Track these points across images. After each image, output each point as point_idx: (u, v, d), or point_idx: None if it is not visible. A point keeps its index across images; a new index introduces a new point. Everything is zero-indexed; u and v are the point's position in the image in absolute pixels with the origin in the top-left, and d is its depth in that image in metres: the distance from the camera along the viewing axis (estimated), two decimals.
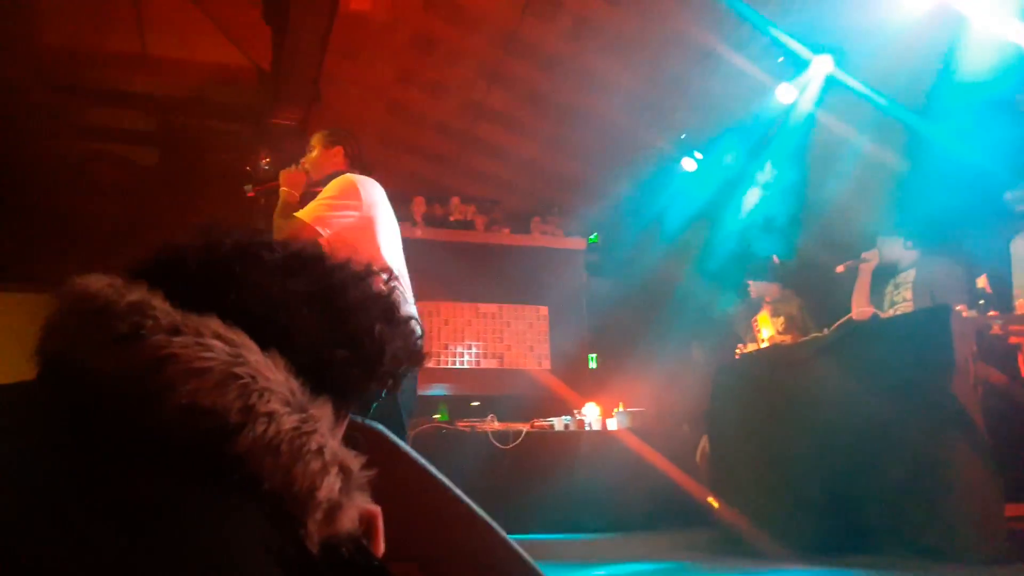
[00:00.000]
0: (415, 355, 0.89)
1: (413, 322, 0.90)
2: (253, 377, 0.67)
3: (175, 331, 0.67)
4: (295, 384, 0.71)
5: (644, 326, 6.91)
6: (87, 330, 0.68)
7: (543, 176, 7.67)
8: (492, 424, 5.76)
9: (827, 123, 5.58)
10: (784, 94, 5.58)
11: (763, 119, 5.91)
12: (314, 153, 3.28)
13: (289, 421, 0.68)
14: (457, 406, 6.36)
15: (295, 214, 3.02)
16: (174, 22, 5.67)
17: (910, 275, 4.57)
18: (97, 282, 0.72)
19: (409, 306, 2.79)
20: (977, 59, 4.55)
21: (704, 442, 5.68)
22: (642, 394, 6.51)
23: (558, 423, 6.02)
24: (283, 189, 3.19)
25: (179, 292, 0.72)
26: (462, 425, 5.78)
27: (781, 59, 5.49)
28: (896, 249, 4.66)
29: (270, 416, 0.67)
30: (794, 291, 5.37)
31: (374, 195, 3.02)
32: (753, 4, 4.99)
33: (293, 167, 3.26)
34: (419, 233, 7.39)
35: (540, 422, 5.98)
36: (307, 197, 3.17)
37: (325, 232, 2.89)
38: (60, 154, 6.80)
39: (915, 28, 4.70)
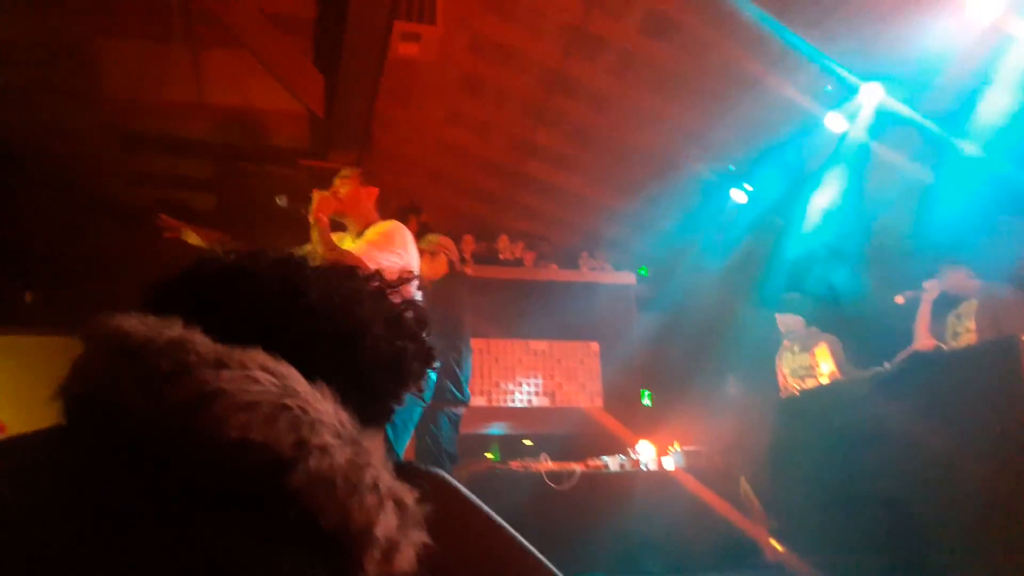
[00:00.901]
0: (431, 355, 0.87)
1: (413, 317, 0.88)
2: (303, 409, 0.65)
3: (220, 365, 0.65)
4: (344, 415, 0.69)
5: (697, 361, 6.79)
6: (126, 369, 0.65)
7: (591, 211, 7.67)
8: (545, 464, 5.67)
9: (879, 151, 5.47)
10: (834, 123, 5.49)
11: (813, 148, 5.82)
12: (348, 188, 3.34)
13: (343, 454, 0.65)
14: (509, 445, 6.30)
15: (344, 248, 3.11)
16: (229, 71, 5.86)
17: (972, 305, 4.42)
18: (128, 320, 0.70)
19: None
20: None
21: (744, 483, 5.54)
22: (698, 431, 6.37)
23: (613, 462, 5.91)
24: (315, 215, 3.19)
25: (216, 316, 0.71)
26: (515, 465, 5.71)
27: (830, 87, 5.42)
28: (958, 278, 4.51)
29: (323, 449, 0.64)
30: (818, 327, 5.24)
31: (415, 250, 3.15)
32: (800, 32, 4.95)
33: (327, 193, 3.30)
34: (469, 271, 7.43)
35: (594, 461, 5.88)
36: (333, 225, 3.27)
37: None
38: (121, 201, 7.04)
39: (964, 54, 4.61)
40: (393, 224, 3.23)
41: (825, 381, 4.97)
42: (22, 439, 0.69)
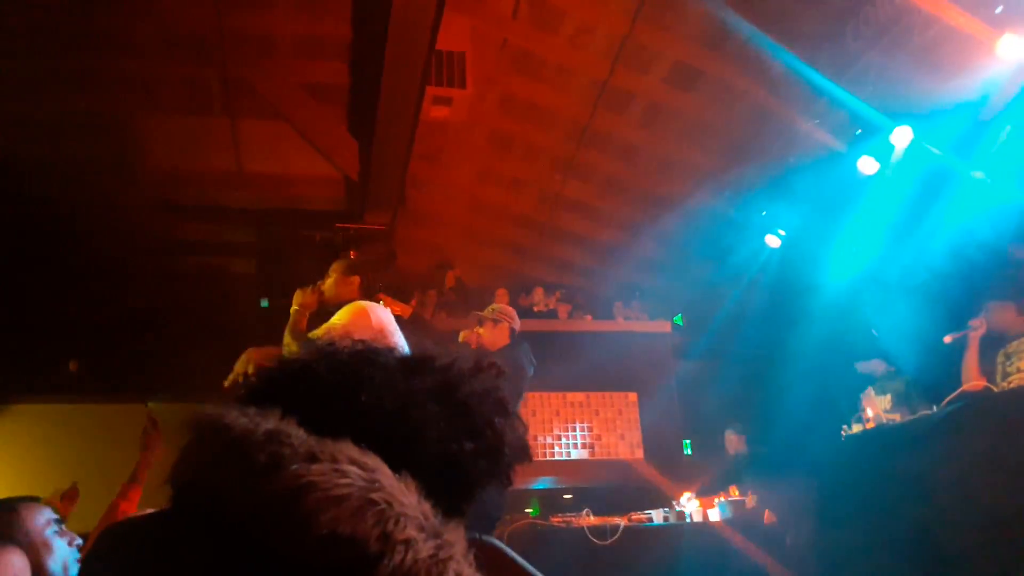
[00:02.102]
0: (526, 449, 0.89)
1: (518, 420, 0.91)
2: (389, 503, 0.68)
3: (312, 458, 0.68)
4: (427, 507, 0.72)
5: (739, 408, 6.69)
6: (226, 461, 0.70)
7: (624, 261, 7.69)
8: (588, 519, 5.59)
9: (911, 192, 5.45)
10: (865, 166, 5.49)
11: (845, 191, 5.80)
12: (331, 279, 3.47)
13: (426, 548, 0.68)
14: (549, 500, 6.23)
15: (309, 335, 3.22)
16: (267, 140, 6.04)
17: (1023, 344, 4.32)
18: (231, 411, 0.74)
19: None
20: None
21: (767, 514, 5.43)
22: (745, 480, 6.25)
23: (657, 515, 5.81)
24: (294, 308, 3.35)
25: (311, 408, 0.75)
26: (556, 521, 5.63)
27: (859, 131, 5.43)
28: (1006, 316, 4.42)
29: (407, 544, 0.67)
30: (897, 367, 5.15)
31: (383, 319, 3.20)
32: (829, 76, 4.99)
33: (309, 289, 3.43)
34: None
35: (638, 515, 5.78)
36: (316, 318, 3.38)
37: None
38: (164, 269, 7.23)
39: (995, 93, 4.61)
40: (354, 305, 3.32)
41: (871, 426, 4.87)
42: (137, 524, 0.74)
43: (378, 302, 3.90)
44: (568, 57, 5.46)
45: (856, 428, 4.84)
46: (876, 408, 4.71)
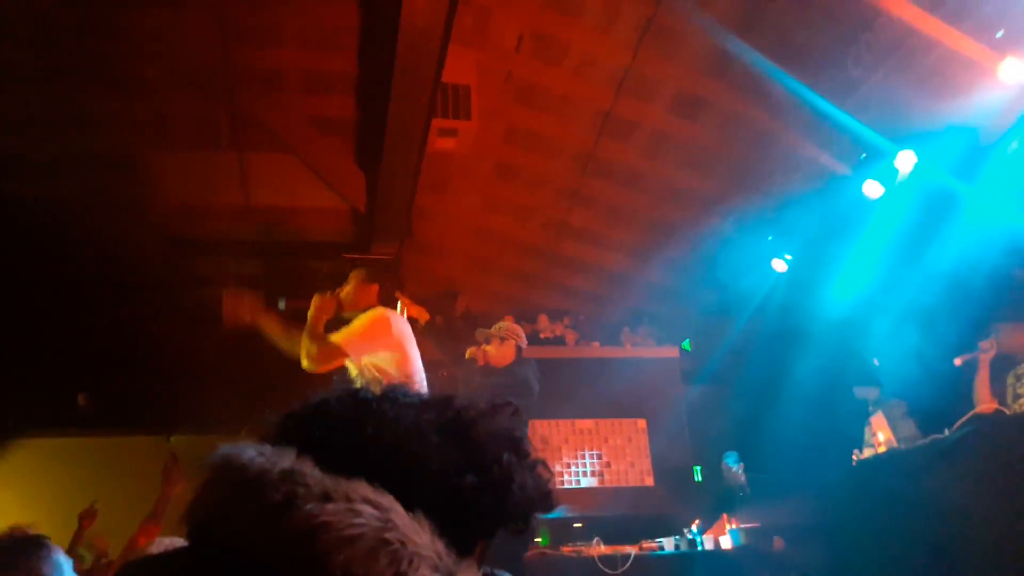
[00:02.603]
0: (546, 497, 0.89)
1: (541, 466, 0.91)
2: (403, 543, 0.68)
3: (326, 498, 0.69)
4: (440, 546, 0.72)
5: (749, 433, 6.66)
6: (241, 500, 0.70)
7: (630, 287, 7.70)
8: (598, 548, 5.56)
9: (916, 215, 5.46)
10: (871, 190, 5.51)
11: (851, 215, 5.82)
12: (350, 287, 3.51)
13: None
14: (559, 529, 6.18)
15: (329, 337, 3.25)
16: (275, 173, 6.10)
17: None
18: (247, 450, 0.75)
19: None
20: None
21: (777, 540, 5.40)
22: (754, 507, 6.20)
23: (668, 543, 5.77)
24: (311, 312, 3.38)
25: (324, 444, 0.76)
26: (567, 550, 5.60)
27: (864, 155, 5.47)
28: (1017, 338, 4.41)
29: None
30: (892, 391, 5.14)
31: (403, 329, 3.27)
32: (832, 101, 5.02)
33: (327, 294, 3.47)
34: None
35: (649, 543, 5.74)
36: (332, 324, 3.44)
37: (354, 356, 3.11)
38: (173, 303, 7.27)
39: (997, 116, 4.64)
40: (374, 311, 3.40)
41: (882, 450, 4.85)
42: (154, 561, 0.75)
43: (397, 301, 3.94)
44: (571, 88, 5.52)
45: (867, 452, 4.82)
46: (887, 432, 4.69)
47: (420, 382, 3.31)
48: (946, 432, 4.16)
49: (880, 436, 4.77)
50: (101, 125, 5.48)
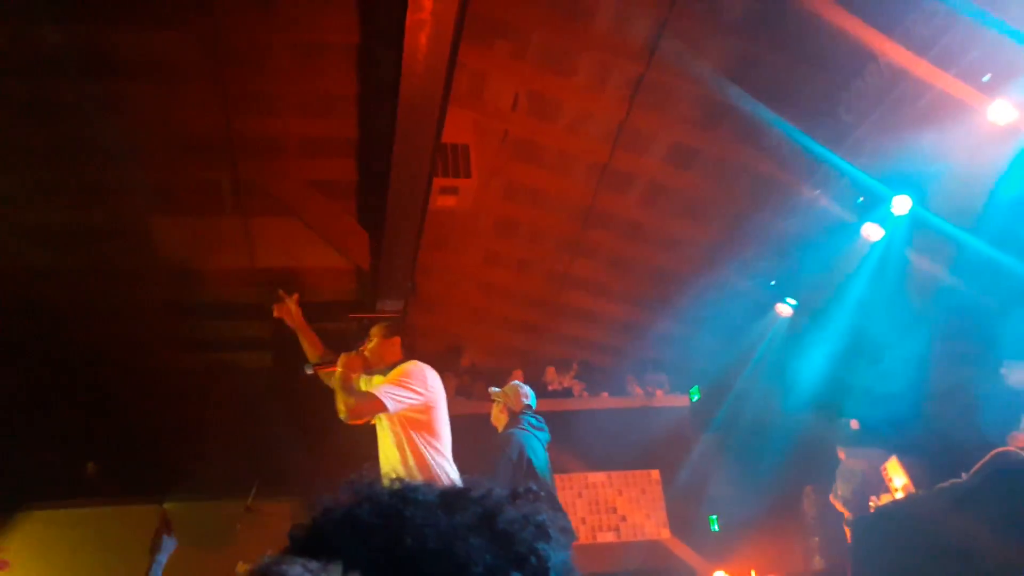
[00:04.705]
0: (572, 572, 0.89)
1: (565, 541, 0.91)
2: None
3: None
4: None
5: (763, 482, 6.56)
6: None
7: (636, 336, 7.69)
8: None
9: (914, 259, 5.49)
10: (870, 232, 5.54)
11: (852, 257, 5.83)
12: (373, 342, 3.56)
13: None
14: None
15: (364, 388, 3.29)
16: (279, 236, 6.15)
17: None
18: (294, 566, 0.74)
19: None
20: None
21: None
22: (773, 556, 6.09)
23: None
24: (339, 370, 3.39)
25: (360, 555, 0.75)
26: None
27: (862, 199, 5.50)
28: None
29: None
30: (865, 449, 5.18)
31: (437, 383, 3.32)
32: (828, 146, 5.08)
33: (353, 352, 3.50)
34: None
35: None
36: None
37: (390, 407, 3.14)
38: (177, 368, 7.27)
39: (984, 157, 4.69)
40: (411, 363, 3.46)
41: (900, 495, 4.78)
42: None
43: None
44: (568, 143, 5.60)
45: (884, 499, 4.74)
46: (904, 478, 4.63)
47: (448, 439, 3.39)
48: (963, 476, 4.10)
49: (896, 482, 4.70)
50: (104, 195, 5.54)
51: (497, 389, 4.71)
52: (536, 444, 4.46)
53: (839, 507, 5.48)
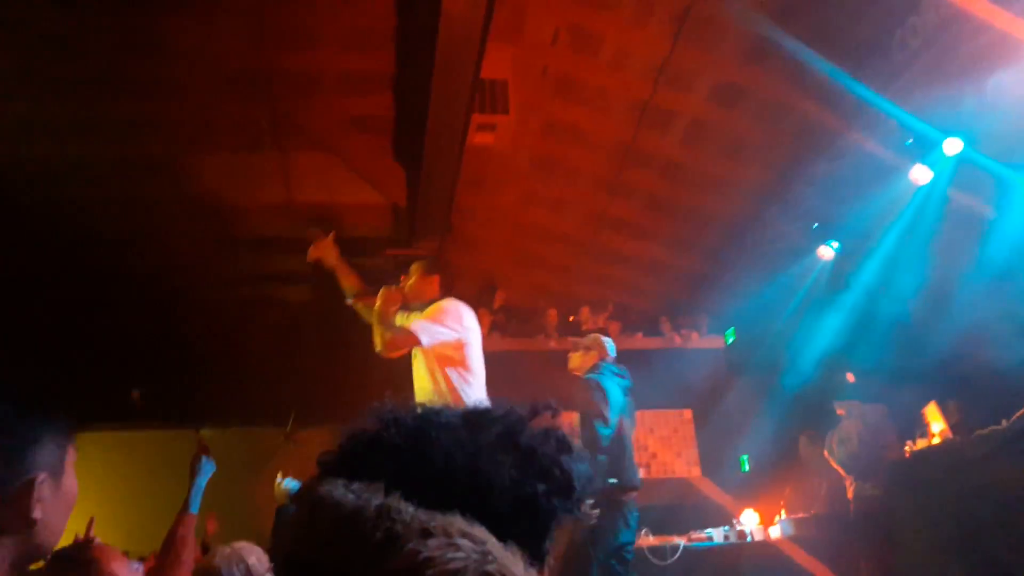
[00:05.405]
0: (592, 480, 0.91)
1: (580, 453, 0.92)
2: (503, 574, 0.69)
3: (425, 533, 0.70)
4: (534, 573, 0.74)
5: (795, 423, 6.57)
6: (340, 538, 0.72)
7: (673, 278, 7.65)
8: (647, 539, 5.55)
9: (964, 203, 5.32)
10: (919, 175, 5.37)
11: (898, 202, 5.69)
12: (412, 279, 3.63)
13: None
14: None
15: (399, 323, 3.37)
16: (316, 171, 6.16)
17: None
18: (337, 487, 0.76)
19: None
20: None
21: None
22: (804, 497, 6.14)
23: (717, 534, 5.74)
24: (378, 305, 3.47)
25: (391, 477, 0.77)
26: None
27: (911, 140, 5.33)
28: None
29: None
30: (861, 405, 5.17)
31: (472, 321, 3.40)
32: (876, 88, 4.92)
33: (392, 287, 3.56)
34: (553, 344, 7.46)
35: (697, 534, 5.72)
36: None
37: (424, 341, 3.22)
38: (218, 301, 7.41)
39: None
40: (448, 301, 3.55)
41: (937, 441, 4.76)
42: None
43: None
44: (608, 79, 5.48)
45: (920, 443, 4.73)
46: (942, 423, 4.60)
47: (482, 374, 3.47)
48: (1003, 423, 4.07)
49: (934, 427, 4.68)
50: (144, 130, 5.58)
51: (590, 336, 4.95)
52: (616, 390, 4.63)
53: (836, 467, 5.51)
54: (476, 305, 7.48)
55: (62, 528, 1.19)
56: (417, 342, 3.36)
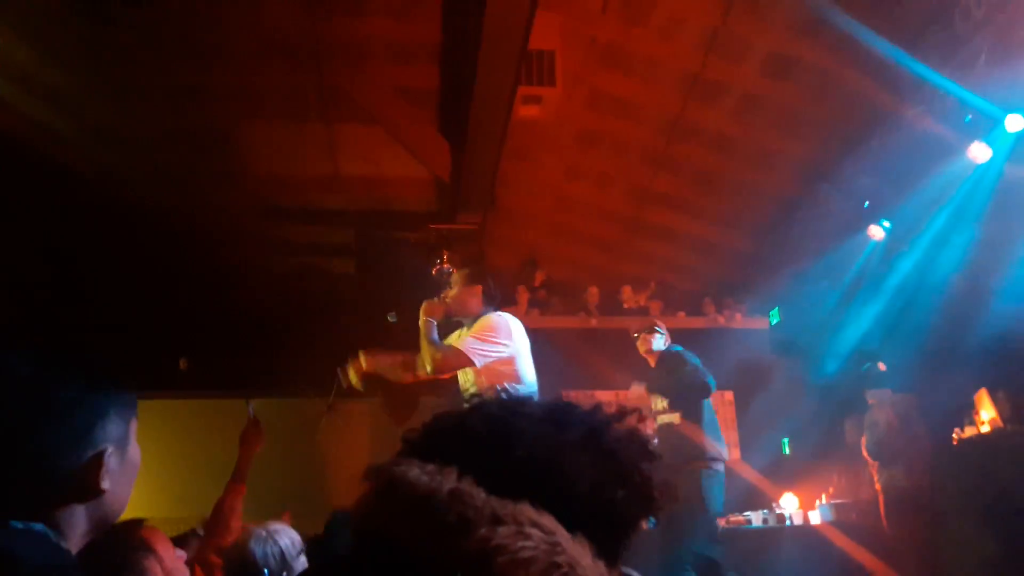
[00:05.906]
0: (671, 490, 0.90)
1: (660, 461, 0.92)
2: (572, 566, 0.69)
3: (496, 520, 0.70)
4: (602, 567, 0.73)
5: (837, 408, 6.44)
6: (412, 518, 0.72)
7: (718, 256, 7.53)
8: None
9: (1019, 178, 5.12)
10: (978, 153, 5.17)
11: (954, 181, 5.49)
12: (455, 291, 3.58)
13: None
14: None
15: (449, 343, 3.33)
16: (362, 143, 6.19)
17: None
18: (411, 469, 0.76)
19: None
20: None
21: None
22: (846, 482, 6.04)
23: (756, 518, 5.68)
24: (422, 320, 3.43)
25: (470, 463, 0.77)
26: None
27: (970, 117, 5.14)
28: None
29: None
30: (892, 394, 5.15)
31: (520, 332, 3.37)
32: (933, 64, 4.76)
33: (436, 300, 3.53)
34: (594, 323, 7.42)
35: (736, 517, 5.67)
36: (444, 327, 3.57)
37: (478, 363, 3.19)
38: (265, 270, 7.51)
39: None
40: (496, 315, 3.48)
41: (986, 429, 4.63)
42: (326, 570, 0.76)
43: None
44: (658, 49, 5.38)
45: (969, 431, 4.61)
46: (992, 411, 4.47)
47: (532, 378, 3.42)
48: None
49: (984, 415, 4.54)
50: (194, 99, 5.65)
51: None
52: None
53: (865, 455, 5.44)
54: (516, 282, 7.49)
55: (128, 496, 1.23)
56: (470, 363, 3.32)
